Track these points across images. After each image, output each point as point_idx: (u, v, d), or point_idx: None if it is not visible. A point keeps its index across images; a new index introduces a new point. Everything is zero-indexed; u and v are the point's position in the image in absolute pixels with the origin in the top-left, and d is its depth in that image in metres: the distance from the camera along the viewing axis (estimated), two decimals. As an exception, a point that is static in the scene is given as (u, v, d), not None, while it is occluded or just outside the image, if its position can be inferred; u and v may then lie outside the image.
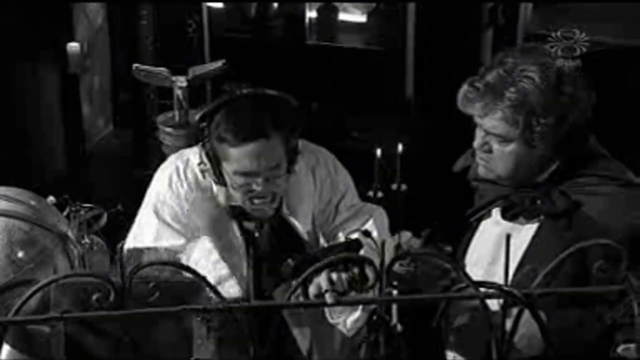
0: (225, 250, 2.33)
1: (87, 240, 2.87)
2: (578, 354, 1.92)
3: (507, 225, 2.15)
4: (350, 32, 4.73)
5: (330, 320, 2.35)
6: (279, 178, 2.27)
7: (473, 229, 2.23)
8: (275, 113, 2.25)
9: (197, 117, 2.30)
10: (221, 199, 2.34)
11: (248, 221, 2.36)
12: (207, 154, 2.27)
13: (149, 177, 2.52)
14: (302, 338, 2.49)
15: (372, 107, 4.58)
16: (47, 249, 1.84)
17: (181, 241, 2.31)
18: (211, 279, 2.24)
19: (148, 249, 2.28)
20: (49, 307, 1.52)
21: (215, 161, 2.27)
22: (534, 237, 2.08)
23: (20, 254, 1.81)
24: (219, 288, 2.23)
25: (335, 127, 4.61)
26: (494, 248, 2.16)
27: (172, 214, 2.34)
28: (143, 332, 1.48)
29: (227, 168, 2.26)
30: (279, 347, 2.43)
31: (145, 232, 2.33)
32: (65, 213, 2.94)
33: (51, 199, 2.70)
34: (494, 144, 2.08)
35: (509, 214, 2.15)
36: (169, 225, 2.33)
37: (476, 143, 2.11)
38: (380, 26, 4.65)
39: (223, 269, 2.27)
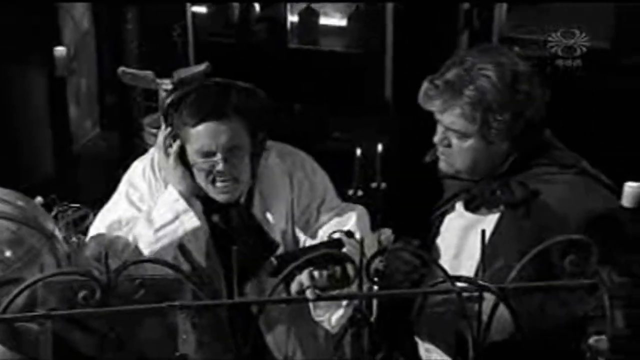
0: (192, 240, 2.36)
1: (74, 239, 2.86)
2: (550, 342, 1.93)
3: (470, 217, 2.18)
4: (331, 36, 4.73)
5: (315, 318, 2.35)
6: (240, 162, 2.27)
7: (438, 223, 2.25)
8: (239, 99, 2.26)
9: (168, 100, 2.33)
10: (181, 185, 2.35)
11: (214, 213, 2.37)
12: (172, 138, 2.31)
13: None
14: (275, 346, 2.49)
15: (353, 109, 4.59)
16: (34, 248, 1.83)
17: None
18: (169, 215, 2.30)
19: (112, 222, 2.35)
20: (37, 305, 1.51)
21: (179, 145, 2.30)
22: (496, 227, 2.10)
23: (7, 253, 1.80)
24: (177, 222, 2.30)
25: (317, 128, 4.61)
26: (458, 240, 2.19)
27: (140, 197, 2.39)
28: (129, 328, 1.48)
29: (189, 149, 2.28)
30: (258, 345, 2.44)
31: (114, 211, 2.39)
32: (53, 213, 2.92)
33: (39, 199, 2.68)
34: (453, 139, 2.10)
35: (471, 206, 2.18)
36: (136, 207, 2.37)
37: (436, 138, 2.14)
38: (360, 30, 4.65)
39: (181, 205, 2.29)
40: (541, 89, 2.11)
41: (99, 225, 2.40)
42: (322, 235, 2.35)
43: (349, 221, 2.37)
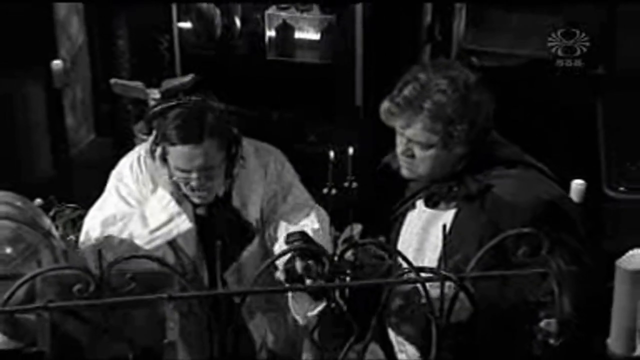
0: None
1: (71, 237, 2.83)
2: (505, 324, 1.94)
3: (430, 212, 2.19)
4: (306, 49, 4.73)
5: (293, 313, 2.36)
6: (213, 176, 2.28)
7: (401, 219, 2.26)
8: (213, 121, 2.25)
9: (151, 112, 2.32)
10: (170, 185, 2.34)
11: (199, 208, 2.38)
12: (156, 144, 2.30)
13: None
14: (255, 330, 2.50)
15: (326, 115, 4.59)
16: (32, 245, 1.81)
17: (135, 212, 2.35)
18: (164, 216, 2.30)
19: (106, 218, 2.33)
20: (35, 297, 1.49)
21: (161, 153, 2.29)
22: (454, 220, 2.11)
23: (8, 250, 1.78)
24: (172, 224, 2.30)
25: (293, 132, 4.61)
26: (420, 234, 2.20)
27: (129, 192, 2.37)
28: (121, 317, 1.46)
29: (169, 161, 2.29)
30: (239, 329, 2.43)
31: (106, 205, 2.38)
32: (51, 213, 2.89)
33: (38, 200, 2.66)
34: (416, 149, 2.11)
35: (430, 203, 2.19)
36: (126, 201, 2.36)
37: (399, 150, 2.15)
38: (332, 43, 4.66)
39: (174, 207, 2.29)
40: (488, 95, 2.13)
41: (93, 220, 2.38)
42: (284, 224, 2.37)
43: (309, 214, 2.38)
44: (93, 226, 2.35)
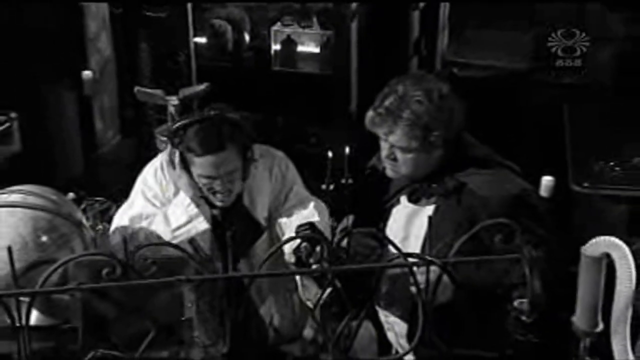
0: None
1: (100, 227, 2.84)
2: (482, 304, 1.95)
3: (412, 207, 2.20)
4: (307, 61, 4.74)
5: (304, 299, 2.39)
6: (235, 179, 2.30)
7: (387, 213, 2.27)
8: (232, 131, 2.27)
9: (172, 127, 2.32)
10: (190, 190, 2.35)
11: (215, 209, 2.38)
12: (180, 158, 2.30)
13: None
14: (265, 314, 2.51)
15: (325, 119, 4.60)
16: (65, 234, 1.82)
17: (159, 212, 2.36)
18: (184, 218, 2.31)
19: (133, 216, 2.34)
20: (68, 280, 1.49)
21: (184, 164, 2.30)
22: (434, 214, 2.12)
23: (44, 238, 1.78)
24: (190, 225, 2.31)
25: (296, 135, 4.62)
26: (405, 227, 2.21)
27: (154, 195, 2.38)
28: (144, 297, 1.47)
29: (193, 170, 2.29)
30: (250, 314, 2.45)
31: (134, 207, 2.39)
32: (82, 205, 2.90)
33: (71, 194, 2.66)
34: (398, 153, 2.13)
35: (413, 198, 2.20)
36: (151, 203, 2.37)
37: (384, 154, 2.16)
38: (330, 56, 4.67)
39: (193, 210, 2.30)
40: (460, 103, 2.14)
41: (122, 219, 2.38)
42: (286, 220, 2.38)
43: (308, 206, 2.40)
44: (122, 222, 2.36)
